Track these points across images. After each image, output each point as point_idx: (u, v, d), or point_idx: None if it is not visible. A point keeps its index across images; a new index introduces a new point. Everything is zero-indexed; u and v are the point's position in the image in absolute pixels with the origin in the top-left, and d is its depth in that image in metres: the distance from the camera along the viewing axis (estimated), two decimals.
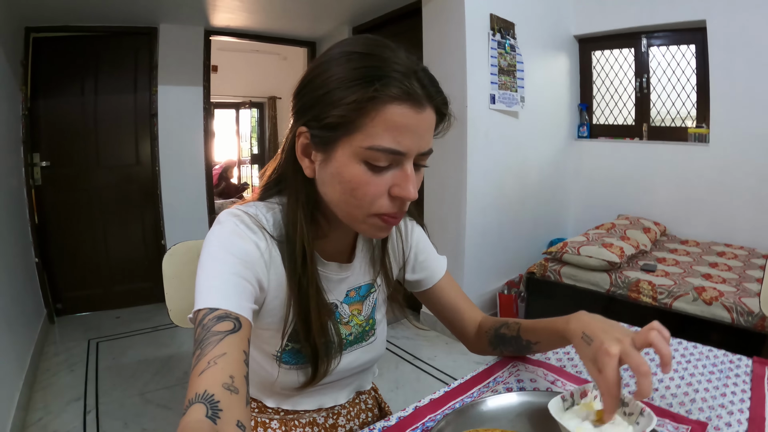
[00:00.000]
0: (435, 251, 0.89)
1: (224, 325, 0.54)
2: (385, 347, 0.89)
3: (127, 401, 2.19)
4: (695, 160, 3.04)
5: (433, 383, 2.33)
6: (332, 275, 0.75)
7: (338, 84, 0.58)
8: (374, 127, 0.58)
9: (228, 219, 0.66)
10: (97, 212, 3.32)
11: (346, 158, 0.60)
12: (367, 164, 0.60)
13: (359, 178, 0.60)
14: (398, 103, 0.57)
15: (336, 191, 0.63)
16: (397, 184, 0.61)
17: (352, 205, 0.63)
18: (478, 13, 2.66)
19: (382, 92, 0.56)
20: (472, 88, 2.65)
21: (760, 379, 0.78)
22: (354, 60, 0.59)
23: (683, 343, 0.93)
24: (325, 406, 0.82)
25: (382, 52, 0.59)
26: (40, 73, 3.05)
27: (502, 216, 3.02)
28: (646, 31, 3.23)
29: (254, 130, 7.07)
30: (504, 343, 0.83)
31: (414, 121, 0.59)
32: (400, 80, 0.57)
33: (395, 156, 0.59)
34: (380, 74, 0.57)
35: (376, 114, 0.57)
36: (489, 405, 0.68)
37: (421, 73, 0.60)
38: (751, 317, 1.92)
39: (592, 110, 3.66)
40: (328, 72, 0.60)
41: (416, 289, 0.90)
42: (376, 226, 0.65)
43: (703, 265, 2.51)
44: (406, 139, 0.59)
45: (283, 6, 3.21)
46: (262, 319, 0.70)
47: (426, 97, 0.60)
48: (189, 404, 0.46)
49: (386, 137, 0.58)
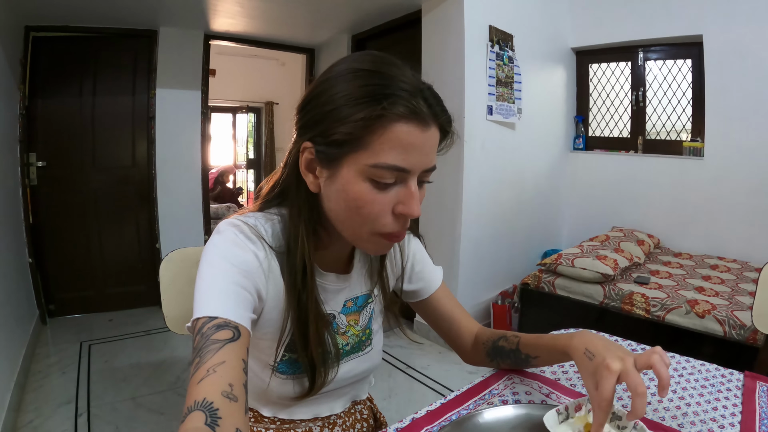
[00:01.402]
0: (431, 262, 0.90)
1: (223, 333, 0.54)
2: (381, 357, 0.89)
3: (119, 405, 2.18)
4: (690, 173, 3.07)
5: (426, 392, 2.33)
6: (330, 285, 0.76)
7: (345, 101, 0.59)
8: (381, 145, 0.58)
9: (228, 229, 0.66)
10: (92, 214, 3.31)
11: (351, 175, 0.61)
12: (373, 182, 0.60)
13: (365, 196, 0.61)
14: (405, 122, 0.58)
15: (341, 208, 0.64)
16: (402, 202, 0.62)
17: (356, 222, 0.63)
18: (477, 24, 2.69)
19: (390, 110, 0.57)
20: (470, 98, 2.67)
21: (751, 393, 0.79)
22: (361, 77, 0.60)
23: (676, 357, 0.94)
24: (321, 416, 0.82)
25: (389, 70, 0.60)
26: (39, 72, 3.04)
27: (497, 226, 3.03)
28: (643, 45, 3.27)
29: (251, 134, 7.06)
30: (502, 356, 0.83)
31: (420, 139, 0.60)
32: (407, 99, 0.58)
33: (400, 173, 0.60)
34: (388, 92, 0.58)
35: (383, 132, 0.58)
36: (486, 417, 0.69)
37: (427, 91, 0.61)
38: (744, 330, 1.94)
39: (588, 122, 3.69)
40: (334, 88, 0.60)
41: (412, 300, 0.90)
42: (379, 244, 0.66)
43: (696, 278, 2.53)
44: (412, 157, 0.60)
45: (283, 13, 3.22)
46: (260, 329, 0.70)
47: (432, 116, 0.61)
48: (188, 411, 0.47)
49: (392, 155, 0.59)
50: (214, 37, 3.63)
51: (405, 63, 0.63)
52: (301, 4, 3.03)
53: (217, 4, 2.95)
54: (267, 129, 6.67)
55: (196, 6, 2.95)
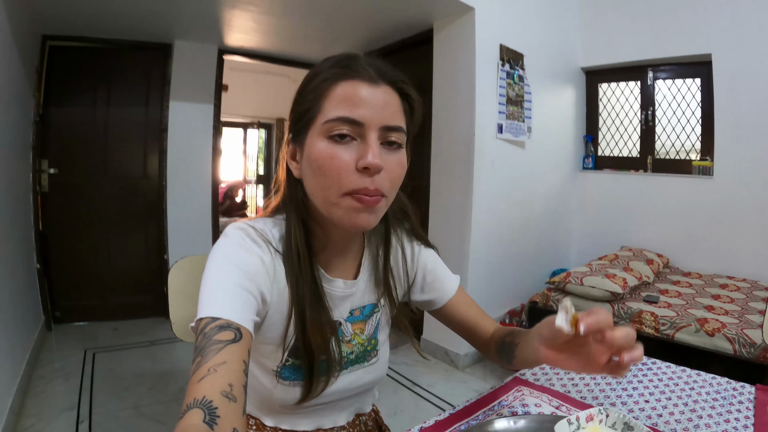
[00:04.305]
0: (447, 271, 0.89)
1: (225, 334, 0.55)
2: (387, 370, 0.88)
3: (121, 414, 2.16)
4: (699, 192, 3.06)
5: (432, 410, 2.30)
6: (337, 291, 0.76)
7: (305, 84, 0.68)
8: (329, 103, 0.64)
9: (234, 232, 0.68)
10: (101, 223, 3.33)
11: (313, 140, 0.65)
12: (330, 138, 0.63)
13: (323, 152, 0.63)
14: (349, 79, 0.64)
15: (311, 176, 0.66)
16: (361, 156, 0.63)
17: (323, 186, 0.65)
18: (488, 43, 2.72)
19: (336, 73, 0.64)
20: (481, 116, 2.68)
21: (764, 406, 0.78)
22: (321, 63, 0.68)
23: (687, 370, 0.93)
24: (324, 428, 0.81)
25: (346, 53, 0.67)
26: (54, 80, 3.10)
27: (506, 245, 3.02)
28: (652, 65, 3.29)
29: (261, 150, 7.12)
30: (505, 351, 0.81)
31: (367, 93, 0.63)
32: (351, 65, 0.64)
33: (353, 126, 0.63)
34: (334, 64, 0.65)
35: (330, 93, 0.64)
36: (497, 427, 0.68)
37: (380, 62, 0.67)
38: (754, 348, 1.91)
39: (597, 142, 3.70)
40: (302, 81, 0.69)
41: (428, 308, 0.90)
42: (351, 207, 0.64)
43: (706, 297, 2.50)
44: (360, 109, 0.62)
45: (297, 29, 3.27)
46: (264, 333, 0.70)
47: (378, 75, 0.65)
48: (186, 409, 0.47)
49: (341, 108, 0.63)
50: (228, 52, 3.68)
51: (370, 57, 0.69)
52: (316, 21, 3.08)
53: (231, 20, 3.01)
54: (277, 145, 6.70)
55: (211, 21, 3.01)
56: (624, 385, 0.87)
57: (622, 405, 0.80)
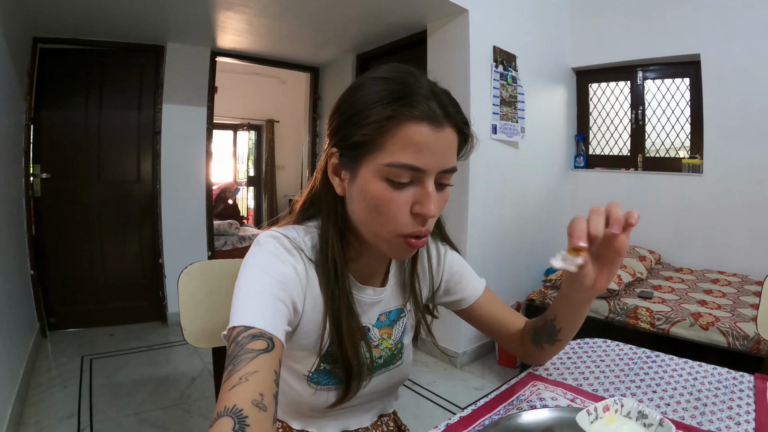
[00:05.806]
0: (473, 273, 0.91)
1: (258, 343, 0.55)
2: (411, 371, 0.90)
3: (122, 420, 2.15)
4: (689, 189, 3.12)
5: (432, 408, 2.32)
6: (366, 298, 0.77)
7: (363, 106, 0.63)
8: (394, 145, 0.61)
9: (268, 241, 0.68)
10: (95, 227, 3.30)
11: (369, 176, 0.63)
12: (389, 181, 0.62)
13: (381, 194, 0.63)
14: (416, 122, 0.61)
15: (361, 208, 0.66)
16: (418, 202, 0.63)
17: (376, 222, 0.65)
18: (482, 44, 2.74)
19: (401, 112, 0.60)
20: (475, 117, 2.61)
21: (763, 393, 0.82)
22: (378, 83, 0.64)
23: (689, 362, 0.98)
24: (350, 429, 0.82)
25: (405, 78, 0.64)
26: (46, 83, 3.07)
27: (502, 244, 3.05)
28: (642, 65, 3.35)
29: (251, 152, 7.10)
30: (541, 335, 0.84)
31: (432, 139, 0.62)
32: (419, 101, 0.61)
33: (415, 173, 0.62)
34: (400, 96, 0.61)
35: (395, 132, 0.61)
36: (524, 419, 0.71)
37: (442, 95, 0.65)
38: (747, 341, 1.96)
39: (588, 141, 3.75)
40: (355, 96, 0.65)
41: (454, 309, 0.92)
42: (400, 247, 0.66)
43: (698, 292, 2.55)
44: (425, 156, 0.61)
45: (290, 31, 3.28)
46: (297, 341, 0.71)
47: (444, 117, 0.63)
48: (217, 417, 0.47)
49: (405, 154, 0.61)
50: (221, 54, 3.67)
51: (423, 73, 0.67)
52: (308, 23, 3.09)
53: (225, 22, 3.01)
54: (268, 147, 6.71)
55: (204, 23, 3.00)
56: (632, 377, 0.90)
57: (631, 396, 0.83)
